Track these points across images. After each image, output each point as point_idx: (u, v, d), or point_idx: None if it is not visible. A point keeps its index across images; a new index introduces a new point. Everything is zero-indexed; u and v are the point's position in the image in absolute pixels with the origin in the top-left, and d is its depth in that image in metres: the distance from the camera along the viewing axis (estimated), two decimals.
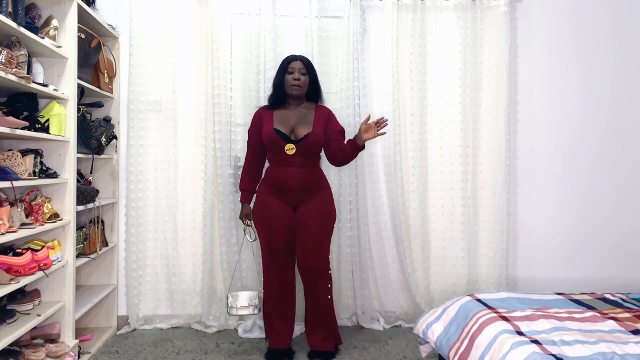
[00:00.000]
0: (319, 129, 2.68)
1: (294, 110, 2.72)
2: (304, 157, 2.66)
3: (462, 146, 3.33)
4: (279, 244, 2.68)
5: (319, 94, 2.79)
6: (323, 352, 2.73)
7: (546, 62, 3.45)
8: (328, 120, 2.75)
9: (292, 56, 2.74)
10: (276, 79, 2.74)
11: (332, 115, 2.81)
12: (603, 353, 1.68)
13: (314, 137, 2.64)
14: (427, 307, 3.30)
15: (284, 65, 2.71)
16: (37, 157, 2.42)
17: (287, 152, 2.63)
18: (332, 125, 2.76)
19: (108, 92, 3.09)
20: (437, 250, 3.37)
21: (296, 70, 2.67)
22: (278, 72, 2.74)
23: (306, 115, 2.71)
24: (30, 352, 2.34)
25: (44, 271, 2.33)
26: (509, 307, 2.21)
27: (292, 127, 2.68)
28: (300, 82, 2.67)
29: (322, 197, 2.70)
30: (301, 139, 2.64)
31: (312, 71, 2.74)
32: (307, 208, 2.66)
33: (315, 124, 2.68)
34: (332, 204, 2.76)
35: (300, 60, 2.71)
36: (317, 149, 2.72)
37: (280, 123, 2.68)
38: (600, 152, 3.48)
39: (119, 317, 3.23)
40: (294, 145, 2.63)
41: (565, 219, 3.47)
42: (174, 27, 3.19)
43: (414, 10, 3.28)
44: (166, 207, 3.23)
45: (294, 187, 2.64)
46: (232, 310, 2.72)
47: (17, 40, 2.24)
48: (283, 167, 2.66)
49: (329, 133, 2.73)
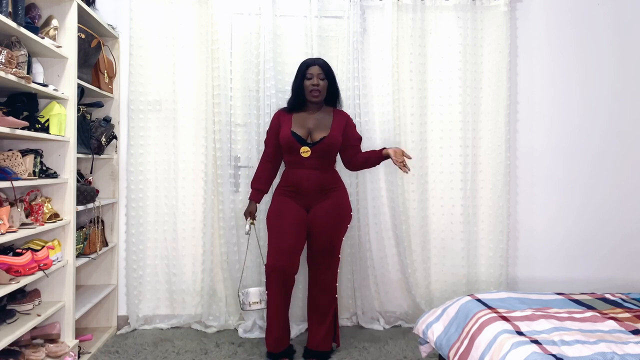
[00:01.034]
0: (336, 133, 2.70)
1: (313, 114, 2.75)
2: (319, 159, 2.69)
3: (462, 146, 3.33)
4: (285, 244, 2.63)
5: (337, 97, 2.81)
6: (319, 352, 2.74)
7: (546, 62, 3.45)
8: (346, 125, 2.78)
9: (310, 60, 2.73)
10: (295, 84, 2.75)
11: (351, 121, 2.84)
12: (603, 353, 1.68)
13: (330, 140, 2.67)
14: (427, 307, 3.30)
15: (302, 70, 2.71)
16: (37, 157, 2.42)
17: (302, 154, 2.67)
18: (351, 131, 2.80)
19: (108, 92, 3.09)
20: (437, 250, 3.38)
21: (315, 75, 2.68)
22: (296, 77, 2.74)
23: (324, 119, 2.74)
24: (30, 352, 2.34)
25: (44, 271, 2.33)
26: (509, 307, 2.21)
27: (310, 130, 2.71)
28: (319, 87, 2.68)
29: (336, 198, 2.71)
30: (317, 142, 2.67)
31: (331, 74, 2.74)
32: (320, 208, 2.68)
33: (333, 128, 2.71)
34: (346, 205, 2.77)
35: (318, 65, 2.70)
36: (333, 153, 2.74)
37: (298, 126, 2.71)
38: (600, 152, 3.48)
39: (119, 317, 3.23)
40: (309, 148, 2.66)
41: (565, 219, 3.47)
42: (174, 27, 3.19)
43: (414, 10, 3.28)
44: (166, 207, 3.23)
45: (309, 188, 2.67)
46: (244, 306, 2.77)
47: (17, 40, 2.24)
48: (298, 169, 2.70)
49: (349, 139, 2.78)
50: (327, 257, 2.72)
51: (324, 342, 2.75)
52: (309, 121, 2.72)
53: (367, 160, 2.80)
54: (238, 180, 3.25)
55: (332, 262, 2.74)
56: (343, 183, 2.83)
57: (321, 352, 2.74)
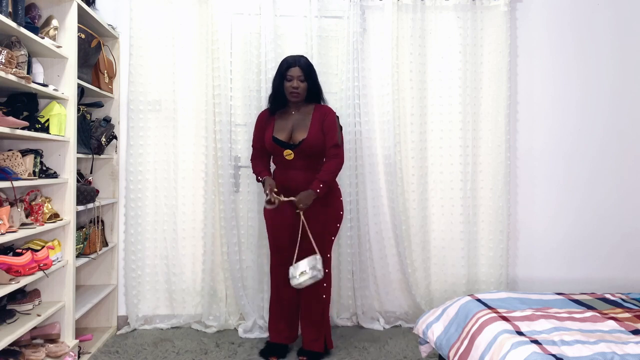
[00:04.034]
0: (315, 134, 2.67)
1: (293, 114, 2.74)
2: (304, 159, 2.68)
3: (462, 146, 3.33)
4: (283, 242, 2.71)
5: (319, 95, 2.78)
6: (310, 352, 2.74)
7: (546, 62, 3.45)
8: (324, 121, 2.70)
9: (290, 60, 2.69)
10: (275, 82, 2.73)
11: (329, 119, 2.72)
12: (603, 353, 1.68)
13: (309, 142, 2.66)
14: (427, 307, 3.29)
15: (283, 71, 2.68)
16: (37, 157, 2.42)
17: (286, 157, 2.68)
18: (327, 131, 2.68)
19: (108, 92, 3.09)
20: (437, 250, 3.37)
21: (295, 78, 2.66)
22: (276, 75, 2.72)
23: (304, 119, 2.72)
24: (30, 352, 2.34)
25: (44, 271, 2.32)
26: (509, 307, 2.21)
27: (291, 132, 2.70)
28: (298, 90, 2.67)
29: (324, 198, 2.69)
30: (298, 144, 2.66)
31: (311, 74, 2.71)
32: (310, 207, 2.66)
33: (311, 128, 2.68)
34: (337, 204, 2.77)
35: (299, 66, 2.66)
36: (316, 152, 2.70)
37: (279, 129, 2.71)
38: (600, 152, 3.48)
39: (119, 317, 3.23)
40: (291, 151, 2.66)
41: (565, 219, 3.47)
42: (174, 27, 3.19)
43: (414, 10, 3.28)
44: (166, 207, 3.23)
45: (297, 188, 2.65)
46: (293, 280, 2.56)
47: (17, 40, 2.24)
48: (286, 170, 2.71)
49: (326, 143, 2.68)
50: None
51: (315, 343, 2.74)
52: (289, 122, 2.72)
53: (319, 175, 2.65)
54: (238, 180, 3.25)
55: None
56: (335, 182, 2.79)
57: (312, 352, 2.74)
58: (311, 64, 2.74)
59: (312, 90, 2.73)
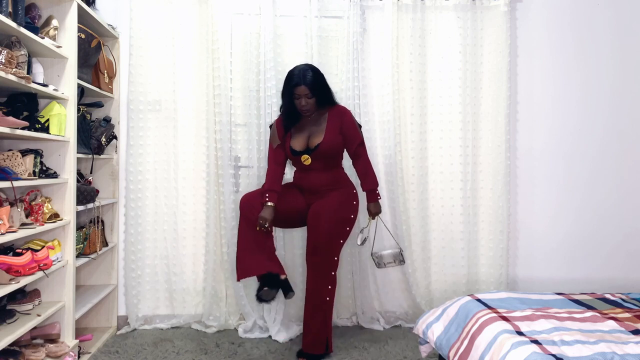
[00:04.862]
0: (331, 137, 2.71)
1: (308, 120, 2.79)
2: (322, 161, 2.75)
3: (462, 146, 3.33)
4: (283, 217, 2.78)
5: (330, 99, 2.79)
6: (308, 354, 2.74)
7: (546, 62, 3.45)
8: (342, 125, 2.75)
9: (296, 78, 2.67)
10: (284, 101, 2.75)
11: (347, 119, 2.77)
12: (603, 353, 1.68)
13: (324, 146, 2.70)
14: (427, 307, 3.29)
15: (290, 91, 2.69)
16: (37, 157, 2.42)
17: (304, 162, 2.74)
18: (348, 132, 2.76)
19: (108, 92, 3.09)
20: (437, 250, 3.38)
21: (302, 96, 2.68)
22: (285, 95, 2.73)
23: (319, 124, 2.76)
24: (30, 352, 2.34)
25: (44, 271, 2.33)
26: (509, 307, 2.21)
27: (307, 138, 2.75)
28: (308, 107, 2.71)
29: (339, 197, 2.74)
30: (314, 149, 2.70)
31: (319, 87, 2.70)
32: (321, 205, 2.70)
33: (327, 132, 2.72)
34: (350, 206, 2.77)
35: (304, 84, 2.65)
36: (333, 154, 2.77)
37: (295, 139, 2.77)
38: (600, 152, 3.48)
39: (119, 317, 3.23)
40: (308, 156, 2.73)
41: (565, 219, 3.47)
42: (174, 27, 3.19)
43: (414, 10, 3.28)
44: (166, 207, 3.23)
45: (310, 187, 2.78)
46: (380, 266, 3.06)
47: (17, 40, 2.24)
48: (306, 172, 2.80)
49: (347, 139, 2.77)
50: (321, 255, 2.66)
51: (314, 346, 2.74)
52: (305, 129, 2.77)
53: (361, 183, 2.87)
54: (238, 181, 3.25)
55: (325, 263, 2.68)
56: (351, 184, 2.84)
57: (310, 354, 2.74)
58: (317, 75, 2.71)
59: (322, 99, 2.74)
